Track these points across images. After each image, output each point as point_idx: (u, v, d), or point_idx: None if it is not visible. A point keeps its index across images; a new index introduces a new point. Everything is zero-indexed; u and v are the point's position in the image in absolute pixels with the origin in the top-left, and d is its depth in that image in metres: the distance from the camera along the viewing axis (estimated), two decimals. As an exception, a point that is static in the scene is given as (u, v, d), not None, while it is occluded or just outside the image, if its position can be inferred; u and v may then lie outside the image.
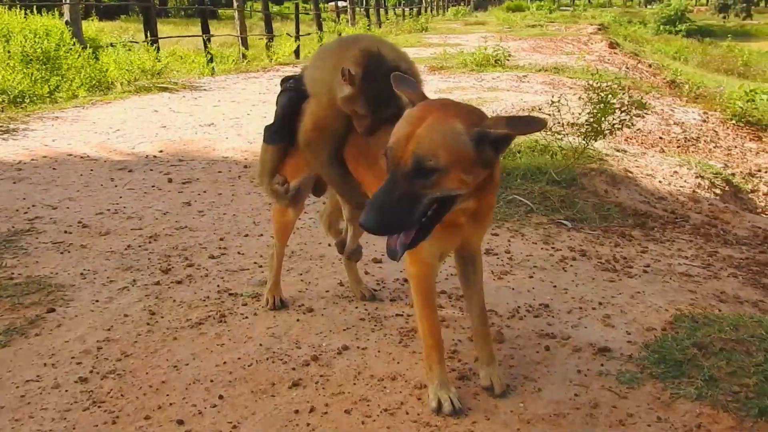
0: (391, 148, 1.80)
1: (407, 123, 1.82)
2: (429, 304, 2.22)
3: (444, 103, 1.94)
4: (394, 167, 1.79)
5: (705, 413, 2.12)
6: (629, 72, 13.74)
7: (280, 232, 2.90)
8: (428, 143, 1.76)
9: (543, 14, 34.06)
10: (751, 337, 2.47)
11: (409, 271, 2.22)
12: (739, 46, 27.44)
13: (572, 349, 2.55)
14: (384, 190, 1.77)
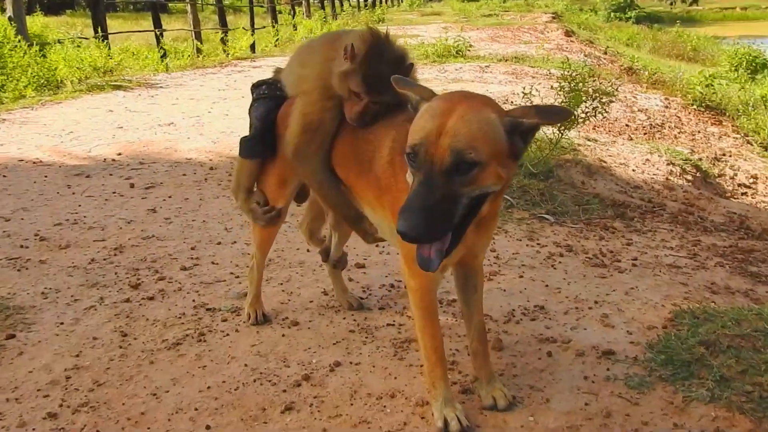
0: (421, 145, 1.61)
1: (433, 116, 1.64)
2: (431, 319, 2.08)
3: (465, 93, 1.78)
4: (428, 165, 1.60)
5: (721, 416, 2.04)
6: (587, 60, 13.81)
7: (262, 243, 2.71)
8: (466, 135, 1.59)
9: (497, 3, 34.17)
10: (755, 332, 2.41)
11: (410, 284, 2.07)
12: (687, 32, 28.00)
13: (575, 354, 2.45)
14: (420, 191, 1.58)
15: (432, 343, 2.09)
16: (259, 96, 2.46)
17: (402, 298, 2.97)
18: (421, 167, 1.61)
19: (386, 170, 2.03)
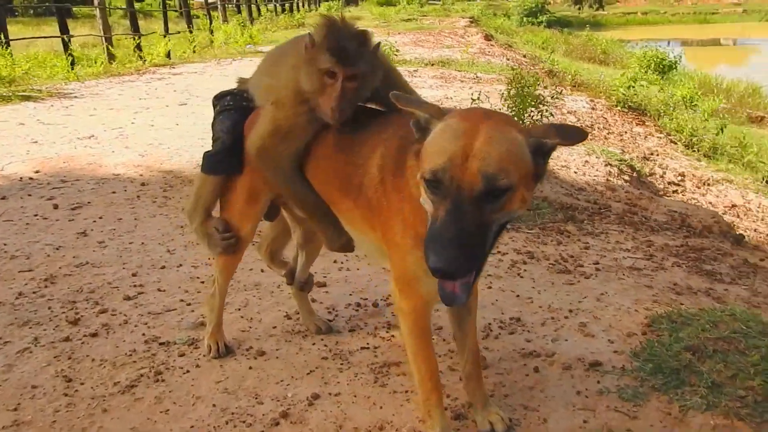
0: (444, 169, 1.45)
1: (456, 136, 1.48)
2: (426, 343, 1.94)
3: (483, 110, 1.64)
4: (455, 191, 1.44)
5: (720, 424, 2.01)
6: (509, 63, 14.11)
7: (225, 268, 2.49)
8: (497, 158, 1.44)
9: (415, 8, 34.44)
10: (734, 334, 2.41)
11: (402, 307, 1.91)
12: (596, 36, 29.24)
13: (562, 368, 2.37)
14: (450, 221, 1.42)
15: (427, 369, 1.95)
16: (224, 108, 2.25)
17: (372, 318, 2.82)
18: (447, 194, 1.45)
19: (377, 190, 1.87)
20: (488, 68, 12.18)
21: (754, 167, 7.38)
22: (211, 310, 2.56)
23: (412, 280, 1.85)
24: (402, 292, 1.89)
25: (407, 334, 1.94)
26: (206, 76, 11.17)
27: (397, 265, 1.88)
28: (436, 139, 1.53)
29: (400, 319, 1.95)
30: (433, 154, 1.49)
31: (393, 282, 1.93)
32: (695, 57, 26.16)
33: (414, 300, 1.88)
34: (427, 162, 1.49)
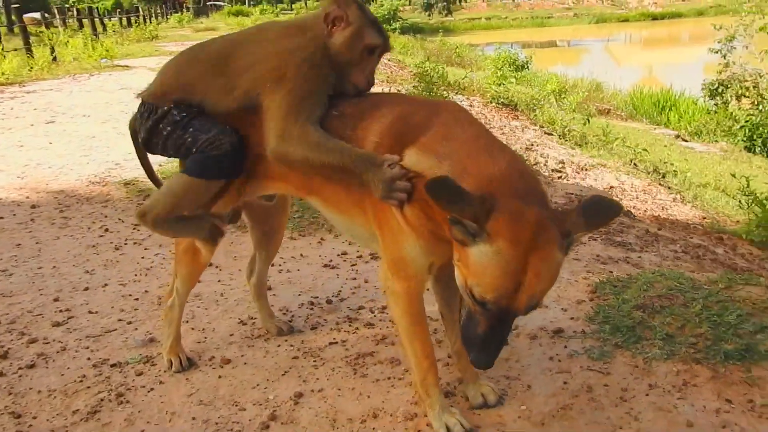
0: (496, 301, 1.54)
1: (507, 272, 1.51)
2: (421, 324, 1.96)
3: (533, 228, 1.51)
4: (499, 313, 1.57)
5: (681, 369, 2.21)
6: (381, 68, 14.42)
7: (189, 277, 2.36)
8: (542, 292, 1.58)
9: (271, 18, 34.28)
10: (671, 291, 2.66)
11: (395, 290, 1.92)
12: (448, 41, 30.62)
13: (529, 338, 2.49)
14: (494, 334, 1.61)
15: (423, 350, 1.97)
16: (184, 117, 2.06)
17: (330, 314, 2.79)
18: (493, 313, 1.58)
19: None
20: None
21: (617, 153, 8.10)
22: (170, 323, 2.42)
23: (406, 262, 1.86)
24: (395, 274, 1.90)
25: (401, 316, 1.95)
26: (66, 92, 10.40)
27: (390, 247, 1.88)
28: (488, 267, 1.53)
29: (392, 301, 1.96)
30: (486, 285, 1.54)
31: (384, 265, 1.94)
32: (537, 57, 28.32)
33: (407, 281, 1.89)
34: (480, 288, 1.55)
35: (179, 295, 2.38)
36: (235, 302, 2.94)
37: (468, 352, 1.66)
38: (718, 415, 2.00)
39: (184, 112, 2.07)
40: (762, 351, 2.21)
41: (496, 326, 1.59)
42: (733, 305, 2.45)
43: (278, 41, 2.00)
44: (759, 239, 5.08)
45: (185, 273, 2.34)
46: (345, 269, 3.28)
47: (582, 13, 56.05)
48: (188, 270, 2.33)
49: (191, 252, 2.26)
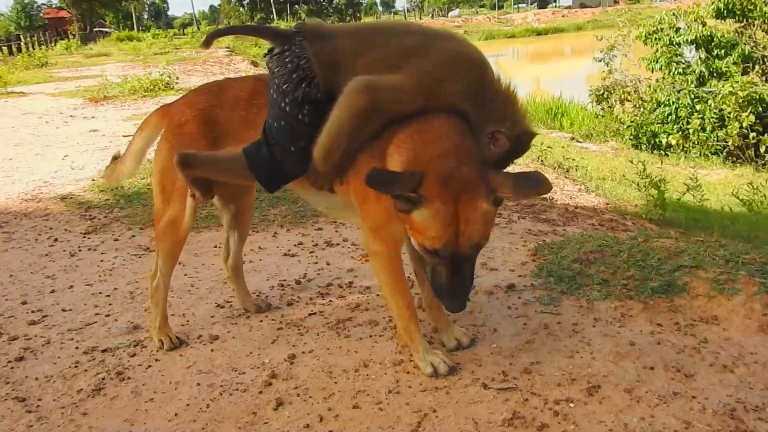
0: (444, 248, 1.90)
1: (446, 225, 1.87)
2: (401, 279, 2.23)
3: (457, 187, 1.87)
4: (452, 257, 1.92)
5: (619, 306, 2.61)
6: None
7: (171, 253, 2.50)
8: (478, 233, 1.91)
9: (166, 42, 33.62)
10: (600, 247, 3.07)
11: (376, 251, 2.19)
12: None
13: (487, 294, 2.82)
14: (456, 278, 1.95)
15: (404, 301, 2.24)
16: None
17: (302, 293, 3.01)
18: (446, 260, 1.93)
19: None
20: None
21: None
22: (156, 303, 2.55)
23: (385, 225, 2.13)
24: (376, 236, 2.17)
25: (383, 273, 2.21)
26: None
27: (371, 213, 2.15)
28: (428, 222, 1.89)
29: (375, 262, 2.22)
30: (431, 237, 1.90)
31: (365, 231, 2.20)
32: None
33: (386, 242, 2.17)
34: (428, 242, 1.92)
35: (163, 274, 2.52)
36: (207, 290, 3.09)
37: (441, 301, 2.03)
38: (652, 335, 2.40)
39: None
40: (680, 285, 2.65)
41: (455, 271, 1.93)
42: (653, 252, 2.89)
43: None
44: (656, 217, 5.72)
45: (167, 248, 2.48)
46: (305, 256, 3.50)
47: (472, 30, 58.40)
48: (169, 244, 2.47)
49: (171, 225, 2.40)
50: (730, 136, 10.38)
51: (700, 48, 12.41)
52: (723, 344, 2.34)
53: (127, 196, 4.70)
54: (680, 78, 12.24)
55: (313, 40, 2.07)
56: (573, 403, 2.03)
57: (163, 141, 2.40)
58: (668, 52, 12.78)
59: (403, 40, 2.09)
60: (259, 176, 2.22)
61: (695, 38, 12.34)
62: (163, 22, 71.68)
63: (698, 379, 2.13)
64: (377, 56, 2.05)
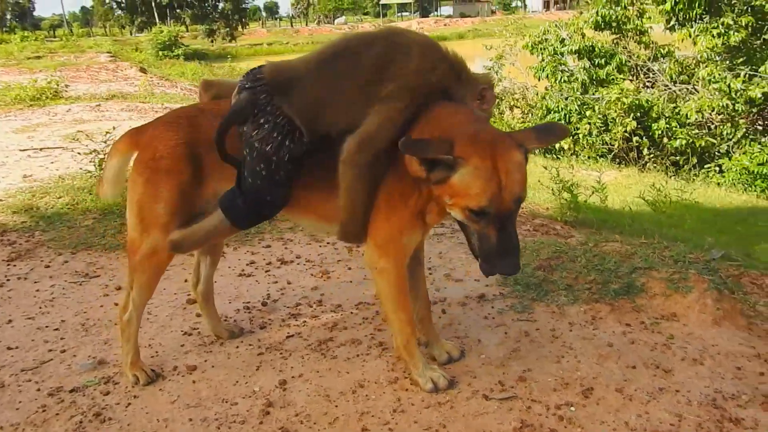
0: (490, 205, 1.85)
1: (488, 179, 1.84)
2: (405, 295, 2.25)
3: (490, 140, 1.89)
4: (497, 214, 1.86)
5: (588, 309, 2.76)
6: (186, 93, 14.10)
7: (149, 284, 2.37)
8: (519, 185, 1.87)
9: (38, 45, 31.34)
10: (555, 253, 3.23)
11: (383, 266, 2.19)
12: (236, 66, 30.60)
13: (460, 305, 2.88)
14: (505, 237, 1.88)
15: (407, 318, 2.26)
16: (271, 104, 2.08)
17: (272, 314, 2.93)
18: (492, 219, 1.87)
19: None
20: (170, 99, 12.05)
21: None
22: (128, 338, 2.41)
23: (394, 239, 2.15)
24: (382, 252, 2.17)
25: (388, 288, 2.21)
26: None
27: (380, 228, 2.15)
28: (470, 180, 1.86)
29: (380, 278, 2.21)
30: (476, 195, 1.85)
31: (371, 247, 2.19)
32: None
33: (394, 257, 2.18)
34: (473, 201, 1.86)
35: (136, 306, 2.39)
36: (167, 317, 2.94)
37: (495, 267, 1.92)
38: (625, 335, 2.56)
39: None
40: (638, 286, 2.84)
41: (502, 229, 1.88)
42: (608, 256, 3.08)
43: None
44: (571, 219, 6.07)
45: (144, 280, 2.34)
46: (261, 275, 3.40)
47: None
48: (148, 276, 2.34)
49: (150, 256, 2.29)
50: (615, 140, 11.19)
51: (583, 57, 13.27)
52: (687, 339, 2.54)
53: (46, 217, 4.34)
54: (566, 86, 13.04)
55: (281, 93, 2.07)
56: (573, 406, 2.13)
57: (137, 174, 2.26)
58: (553, 62, 13.54)
59: (369, 53, 2.08)
60: (240, 225, 2.26)
61: (579, 48, 13.18)
62: (30, 23, 66.64)
63: (676, 374, 2.30)
64: (354, 84, 2.06)
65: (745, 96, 9.91)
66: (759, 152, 9.76)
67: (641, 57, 12.54)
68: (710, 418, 2.07)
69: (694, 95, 11.24)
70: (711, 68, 10.38)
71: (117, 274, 3.43)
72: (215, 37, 52.45)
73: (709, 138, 10.67)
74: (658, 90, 11.79)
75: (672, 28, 11.53)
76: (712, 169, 10.43)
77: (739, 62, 10.47)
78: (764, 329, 2.66)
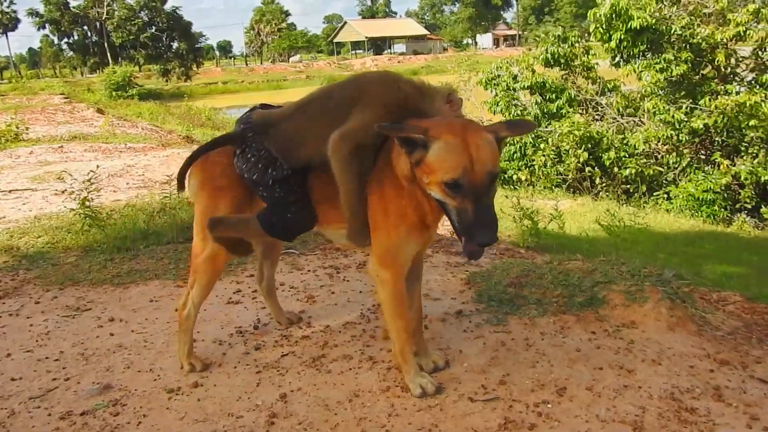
0: (463, 177, 2.02)
1: (459, 152, 2.04)
2: (403, 305, 2.47)
3: (461, 123, 2.15)
4: (473, 189, 2.03)
5: (557, 320, 3.03)
6: (146, 133, 14.18)
7: (208, 283, 2.78)
8: (491, 159, 2.06)
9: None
10: (524, 272, 3.51)
11: (383, 278, 2.41)
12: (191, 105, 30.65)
13: (441, 321, 3.11)
14: (481, 209, 2.03)
15: (404, 325, 2.48)
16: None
17: (264, 336, 3.10)
18: (467, 192, 2.04)
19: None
20: (132, 138, 12.14)
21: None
22: (185, 331, 2.80)
23: (395, 252, 2.38)
24: (384, 264, 2.40)
25: (388, 298, 2.44)
26: None
27: (381, 241, 2.38)
28: (443, 155, 2.07)
29: (381, 287, 2.44)
30: (450, 168, 2.05)
31: (374, 259, 2.42)
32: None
33: (394, 268, 2.41)
34: (445, 173, 2.05)
35: (195, 304, 2.77)
36: (164, 344, 3.08)
37: (474, 239, 2.05)
38: (591, 342, 2.83)
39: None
40: (600, 298, 3.13)
41: (478, 201, 2.03)
42: (571, 273, 3.38)
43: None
44: (533, 244, 6.41)
45: (205, 280, 2.73)
46: (249, 302, 3.58)
47: (313, 75, 59.75)
48: (208, 277, 2.74)
49: (210, 260, 2.68)
50: (569, 171, 11.72)
51: (535, 93, 13.89)
52: (646, 343, 2.82)
53: (28, 256, 4.43)
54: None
55: (264, 132, 2.49)
56: (550, 404, 2.38)
57: (201, 189, 2.66)
58: (507, 96, 14.12)
59: (340, 94, 2.43)
60: (276, 235, 2.62)
61: (531, 84, 13.80)
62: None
63: (638, 373, 2.58)
64: (323, 122, 2.38)
65: (688, 127, 10.57)
66: (703, 180, 10.37)
67: (589, 91, 13.19)
68: (669, 409, 2.34)
69: (641, 127, 11.92)
70: (655, 101, 11.03)
71: (108, 307, 3.56)
72: (170, 76, 52.39)
73: (656, 167, 11.28)
74: (607, 122, 12.41)
75: (617, 64, 12.24)
76: (660, 196, 11.02)
77: (681, 95, 11.18)
78: (713, 335, 2.97)
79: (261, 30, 73.72)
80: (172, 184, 5.86)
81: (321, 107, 2.44)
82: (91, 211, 4.86)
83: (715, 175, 10.33)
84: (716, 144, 11.05)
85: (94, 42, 55.36)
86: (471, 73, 17.03)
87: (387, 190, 2.34)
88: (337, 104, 2.39)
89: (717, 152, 10.72)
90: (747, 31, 10.53)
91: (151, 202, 5.68)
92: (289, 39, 75.71)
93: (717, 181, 10.16)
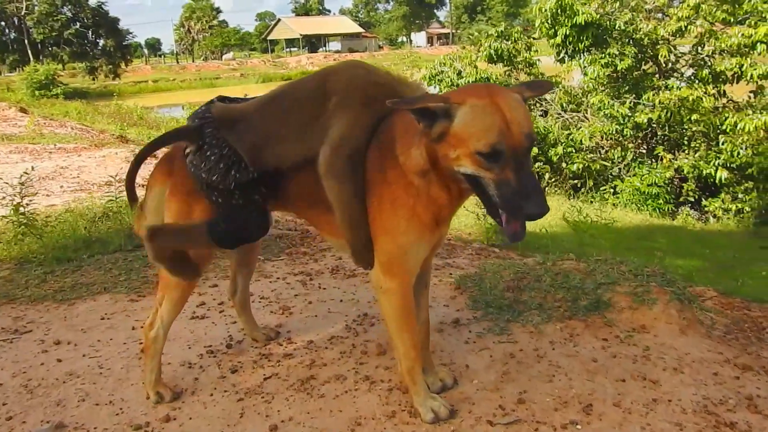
0: (500, 141, 1.72)
1: (492, 114, 1.74)
2: (411, 319, 2.17)
3: (486, 87, 1.89)
4: (512, 153, 1.73)
5: (564, 326, 2.80)
6: (78, 133, 13.31)
7: (180, 300, 2.42)
8: (525, 118, 1.78)
9: None
10: (518, 274, 3.27)
11: (389, 287, 2.10)
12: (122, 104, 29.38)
13: (438, 332, 2.83)
14: (525, 175, 1.73)
15: (412, 341, 2.18)
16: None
17: (240, 356, 2.75)
18: (507, 159, 1.74)
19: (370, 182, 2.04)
20: (62, 139, 11.33)
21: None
22: (153, 356, 2.43)
23: (401, 259, 2.08)
24: (389, 272, 2.09)
25: (394, 310, 2.13)
26: None
27: (387, 248, 2.07)
28: (473, 120, 1.77)
29: (385, 299, 2.13)
30: (483, 133, 1.75)
31: (376, 266, 2.11)
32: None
33: (400, 277, 2.10)
34: (479, 139, 1.75)
35: (164, 324, 2.41)
36: (122, 369, 2.68)
37: (520, 213, 1.75)
38: (605, 350, 2.61)
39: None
40: (606, 300, 2.92)
41: (521, 171, 1.74)
42: (571, 274, 3.16)
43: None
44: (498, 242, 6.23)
45: (177, 295, 2.38)
46: (216, 316, 3.20)
47: (248, 73, 58.54)
48: (181, 291, 2.40)
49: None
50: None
51: (480, 89, 13.83)
52: (662, 349, 2.63)
53: (-48, 271, 3.88)
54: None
55: (227, 127, 2.17)
56: (579, 424, 2.14)
57: (171, 195, 2.30)
58: (451, 92, 14.03)
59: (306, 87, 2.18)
60: (224, 247, 2.33)
61: (475, 80, 13.73)
62: None
63: (663, 384, 2.37)
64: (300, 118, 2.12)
65: (632, 122, 10.69)
66: (648, 174, 10.51)
67: (533, 87, 13.22)
68: (707, 425, 2.13)
69: (585, 122, 12.02)
70: (601, 96, 11.12)
71: (51, 327, 3.11)
72: (97, 74, 50.22)
73: (602, 162, 11.39)
74: (552, 118, 12.46)
75: (562, 60, 12.29)
76: (607, 191, 11.12)
77: (625, 91, 11.31)
78: (719, 336, 2.82)
79: (191, 27, 71.72)
80: (114, 186, 5.35)
81: (293, 103, 2.15)
82: (25, 218, 4.34)
83: (658, 169, 10.50)
84: (659, 138, 11.25)
85: (13, 39, 52.35)
86: (413, 70, 16.91)
87: (390, 191, 2.03)
88: (308, 98, 2.13)
89: (660, 147, 10.90)
90: (688, 26, 10.74)
91: (91, 206, 5.15)
92: (222, 36, 73.98)
93: (661, 175, 10.32)
